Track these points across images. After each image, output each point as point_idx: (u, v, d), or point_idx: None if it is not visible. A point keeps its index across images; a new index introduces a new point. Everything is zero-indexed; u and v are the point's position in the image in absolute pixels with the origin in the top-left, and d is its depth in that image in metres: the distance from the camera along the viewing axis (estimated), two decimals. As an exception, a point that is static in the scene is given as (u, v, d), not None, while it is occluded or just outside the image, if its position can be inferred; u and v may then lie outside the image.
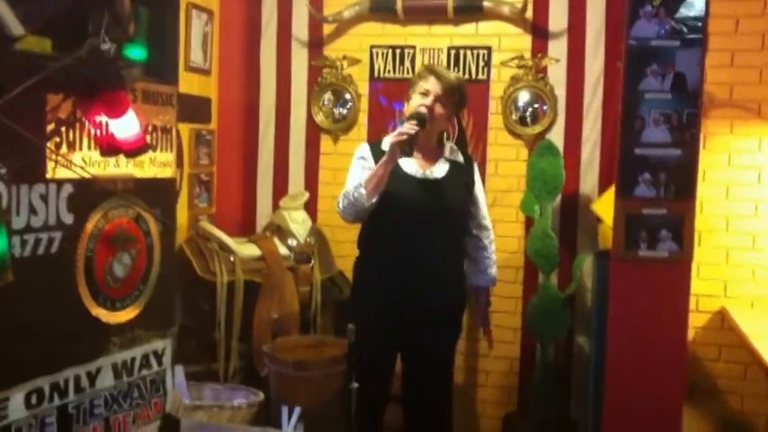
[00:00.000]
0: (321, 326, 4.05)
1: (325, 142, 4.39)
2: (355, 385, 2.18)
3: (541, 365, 3.95)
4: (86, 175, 0.95)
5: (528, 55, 4.13)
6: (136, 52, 1.05)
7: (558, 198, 4.01)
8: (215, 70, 4.32)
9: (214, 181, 4.35)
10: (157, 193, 1.09)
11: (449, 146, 3.25)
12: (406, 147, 2.87)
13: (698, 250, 3.80)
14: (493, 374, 4.22)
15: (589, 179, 4.04)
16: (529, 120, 4.15)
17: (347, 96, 4.35)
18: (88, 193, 0.97)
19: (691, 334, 3.85)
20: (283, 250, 4.02)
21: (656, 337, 2.77)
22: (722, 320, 3.81)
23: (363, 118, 4.31)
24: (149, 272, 1.06)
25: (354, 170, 3.11)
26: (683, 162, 2.78)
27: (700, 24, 2.78)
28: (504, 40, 4.18)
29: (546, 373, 3.93)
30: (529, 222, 4.07)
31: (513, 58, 4.14)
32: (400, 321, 3.09)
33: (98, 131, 0.96)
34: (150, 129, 1.07)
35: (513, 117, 4.16)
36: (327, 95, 4.38)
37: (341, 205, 3.07)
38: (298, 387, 3.34)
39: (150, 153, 1.05)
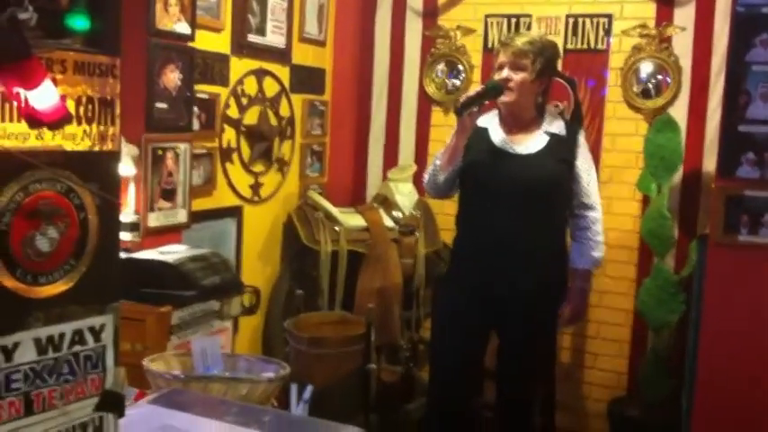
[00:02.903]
0: (424, 298, 4.05)
1: (436, 114, 4.35)
2: (372, 366, 2.15)
3: (652, 351, 3.77)
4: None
5: (652, 23, 3.89)
6: (78, 22, 1.06)
7: (679, 176, 3.78)
8: (330, 41, 4.37)
9: (327, 151, 4.42)
10: (94, 167, 1.10)
11: (550, 117, 3.06)
12: (466, 111, 2.76)
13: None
14: (601, 357, 4.07)
15: (713, 157, 3.71)
16: (652, 92, 3.91)
17: (460, 68, 4.29)
18: (1, 167, 1.00)
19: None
20: (389, 222, 4.04)
21: (753, 330, 2.56)
22: None
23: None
24: (83, 246, 1.09)
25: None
26: (792, 141, 2.53)
27: (818, -12, 2.50)
28: (626, 8, 3.95)
29: (656, 358, 3.74)
30: (646, 201, 3.86)
31: (635, 27, 3.91)
32: (490, 299, 3.00)
33: (17, 103, 0.99)
34: (85, 100, 1.07)
35: (635, 89, 3.94)
36: (440, 66, 4.33)
37: (425, 180, 3.04)
38: (313, 365, 3.28)
39: (85, 125, 1.06)
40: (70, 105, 1.06)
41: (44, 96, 0.98)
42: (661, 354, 3.70)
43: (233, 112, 3.66)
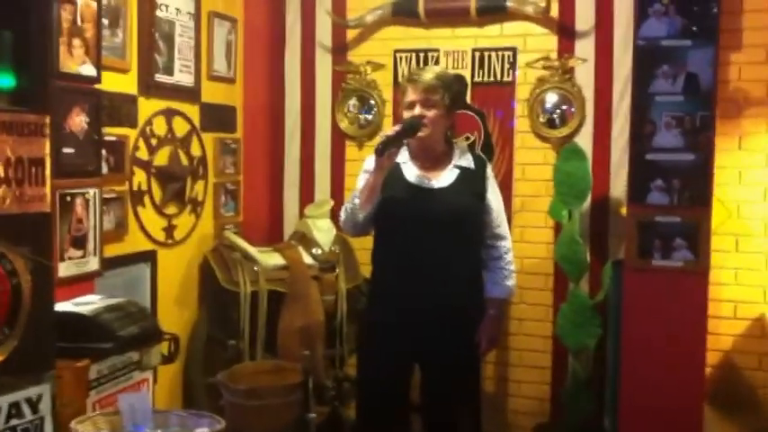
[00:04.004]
0: (347, 335, 4.01)
1: (351, 149, 4.36)
2: (312, 415, 2.11)
3: (573, 375, 3.83)
4: None
5: (554, 55, 4.02)
6: (2, 80, 1.00)
7: (588, 202, 3.88)
8: (239, 78, 4.33)
9: (241, 190, 4.36)
10: (26, 230, 1.04)
11: (459, 150, 3.13)
12: (387, 151, 2.79)
13: (736, 255, 3.65)
14: (524, 384, 4.12)
15: (619, 182, 3.88)
16: (557, 122, 4.03)
17: (372, 102, 4.31)
18: None
19: (729, 342, 3.69)
20: (308, 259, 4.00)
21: (672, 348, 2.65)
22: (762, 328, 3.62)
23: (389, 124, 4.25)
24: (16, 314, 1.02)
25: (359, 183, 3.07)
26: (697, 167, 2.64)
27: (713, 22, 2.63)
28: (529, 41, 4.07)
29: (577, 382, 3.80)
30: (558, 228, 3.95)
31: (538, 59, 4.03)
32: (413, 334, 3.01)
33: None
34: (14, 161, 1.01)
35: (541, 120, 4.05)
36: (352, 101, 4.35)
37: (342, 218, 3.03)
38: (250, 417, 3.19)
39: (15, 188, 1.01)
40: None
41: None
42: (581, 378, 3.77)
43: (142, 153, 3.57)
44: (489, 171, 3.18)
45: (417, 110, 2.95)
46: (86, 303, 2.66)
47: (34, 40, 1.01)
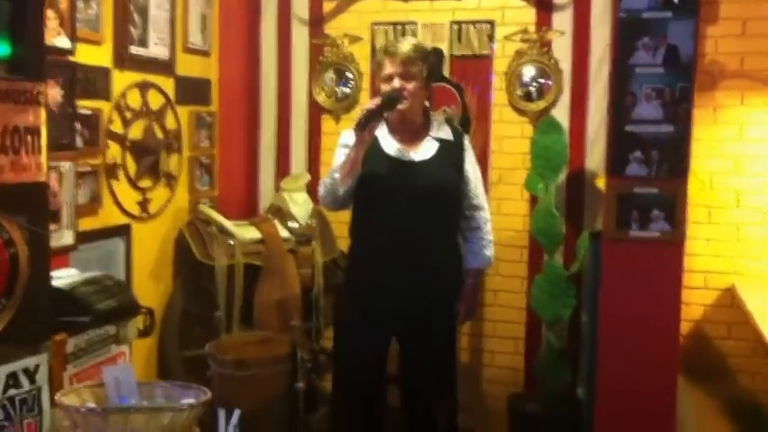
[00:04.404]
0: (324, 308, 4.02)
1: (327, 122, 4.34)
2: (300, 385, 2.11)
3: (547, 345, 3.88)
4: None
5: (532, 28, 4.02)
6: None
7: (564, 175, 3.91)
8: (215, 51, 4.27)
9: (216, 163, 4.32)
10: (22, 200, 1.03)
11: (436, 122, 3.13)
12: (369, 125, 2.78)
13: (708, 227, 3.72)
14: (498, 355, 4.17)
15: (596, 155, 3.92)
16: (534, 95, 4.04)
17: (349, 75, 4.29)
18: None
19: (700, 312, 3.77)
20: (284, 233, 3.98)
21: (648, 317, 2.70)
22: (732, 298, 3.69)
23: (366, 97, 4.22)
24: (14, 284, 1.01)
25: (336, 157, 3.05)
26: (675, 139, 2.67)
27: (692, -7, 2.65)
28: (507, 14, 4.07)
29: (551, 352, 3.85)
30: (534, 201, 3.98)
31: (516, 32, 4.02)
32: (391, 307, 3.03)
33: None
34: (11, 129, 0.99)
35: (518, 93, 4.05)
36: (329, 75, 4.32)
37: (321, 193, 3.02)
38: (239, 388, 3.20)
39: (11, 156, 0.99)
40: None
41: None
42: (555, 348, 3.82)
43: (117, 126, 3.52)
44: (467, 143, 3.19)
45: (397, 82, 2.95)
46: (63, 277, 2.63)
47: (29, 9, 0.99)
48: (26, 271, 1.01)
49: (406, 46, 2.98)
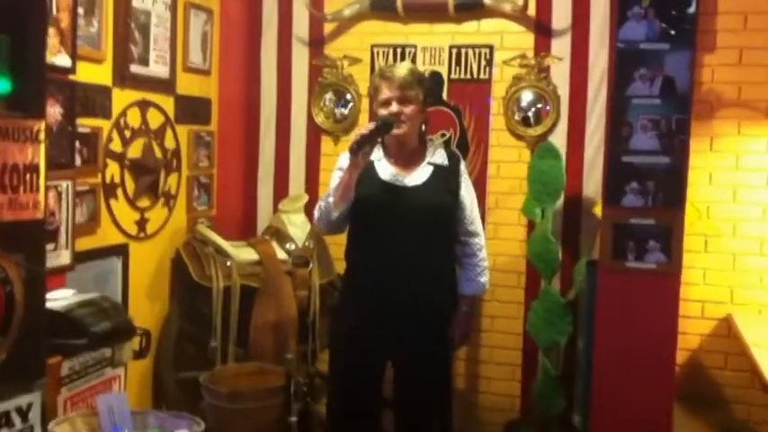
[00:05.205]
0: (320, 330, 4.01)
1: (326, 143, 4.35)
2: (294, 419, 2.10)
3: (543, 372, 3.87)
4: None
5: (531, 54, 4.04)
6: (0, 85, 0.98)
7: (561, 201, 3.91)
8: (215, 70, 4.29)
9: (214, 183, 4.32)
10: (19, 238, 1.03)
11: (432, 147, 3.13)
12: (362, 150, 2.78)
13: (704, 255, 3.71)
14: (494, 381, 4.15)
15: (592, 181, 3.93)
16: (532, 120, 4.06)
17: (348, 97, 4.30)
18: None
19: (696, 341, 3.76)
20: (282, 254, 3.98)
21: (643, 347, 2.70)
22: (728, 328, 3.69)
23: (365, 119, 4.24)
24: (9, 323, 1.01)
25: (333, 180, 3.05)
26: (672, 170, 2.68)
27: (689, 26, 2.66)
28: (506, 39, 4.09)
29: (548, 379, 3.84)
30: (531, 226, 3.98)
31: (515, 57, 4.04)
32: (384, 330, 3.02)
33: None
34: (9, 168, 1.00)
35: (516, 118, 4.07)
36: (328, 95, 4.33)
37: (316, 216, 3.02)
38: (232, 420, 3.18)
39: (10, 194, 0.99)
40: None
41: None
42: (552, 375, 3.81)
43: (116, 145, 3.52)
44: (463, 168, 3.18)
45: (394, 107, 2.95)
46: (58, 299, 2.62)
47: (30, 47, 0.99)
48: (22, 309, 1.01)
49: (402, 70, 2.99)
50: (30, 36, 1.04)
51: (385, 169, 3.04)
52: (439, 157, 3.10)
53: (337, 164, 3.11)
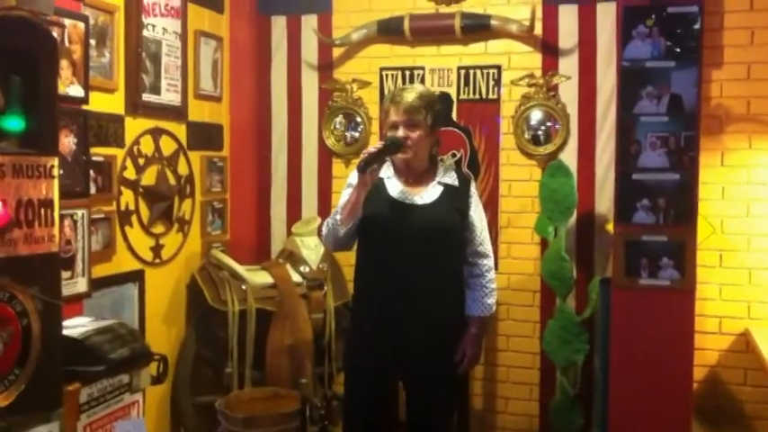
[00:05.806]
0: (336, 352, 4.01)
1: (337, 166, 4.38)
2: None
3: (561, 391, 3.85)
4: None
5: (539, 73, 4.06)
6: (12, 123, 1.01)
7: (573, 218, 3.91)
8: (226, 97, 4.34)
9: (228, 208, 4.36)
10: (35, 271, 1.05)
11: (443, 168, 3.14)
12: (370, 168, 2.80)
13: (720, 271, 3.70)
14: (512, 401, 4.14)
15: (605, 198, 3.93)
16: (542, 139, 4.07)
17: (358, 119, 4.34)
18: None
19: (715, 357, 3.73)
20: (296, 277, 4.00)
21: (660, 364, 2.69)
22: (747, 343, 3.66)
23: (375, 141, 4.26)
24: (27, 355, 1.03)
25: (342, 197, 3.07)
26: (682, 187, 2.68)
27: (694, 43, 2.67)
28: (513, 59, 4.11)
29: (565, 398, 3.83)
30: (544, 244, 3.98)
31: (523, 77, 4.07)
32: (395, 347, 3.00)
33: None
34: (24, 203, 1.02)
35: (526, 136, 4.09)
36: (338, 119, 4.37)
37: (323, 233, 3.04)
38: None
39: (25, 229, 1.01)
40: (11, 209, 1.00)
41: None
42: (569, 393, 3.80)
43: (130, 173, 3.57)
44: (473, 189, 3.17)
45: (401, 131, 2.96)
46: (76, 326, 2.64)
47: (42, 85, 1.01)
48: (39, 341, 1.03)
49: (410, 95, 3.00)
50: (42, 74, 1.06)
51: (394, 187, 3.04)
52: (449, 177, 3.10)
53: (348, 180, 3.12)
